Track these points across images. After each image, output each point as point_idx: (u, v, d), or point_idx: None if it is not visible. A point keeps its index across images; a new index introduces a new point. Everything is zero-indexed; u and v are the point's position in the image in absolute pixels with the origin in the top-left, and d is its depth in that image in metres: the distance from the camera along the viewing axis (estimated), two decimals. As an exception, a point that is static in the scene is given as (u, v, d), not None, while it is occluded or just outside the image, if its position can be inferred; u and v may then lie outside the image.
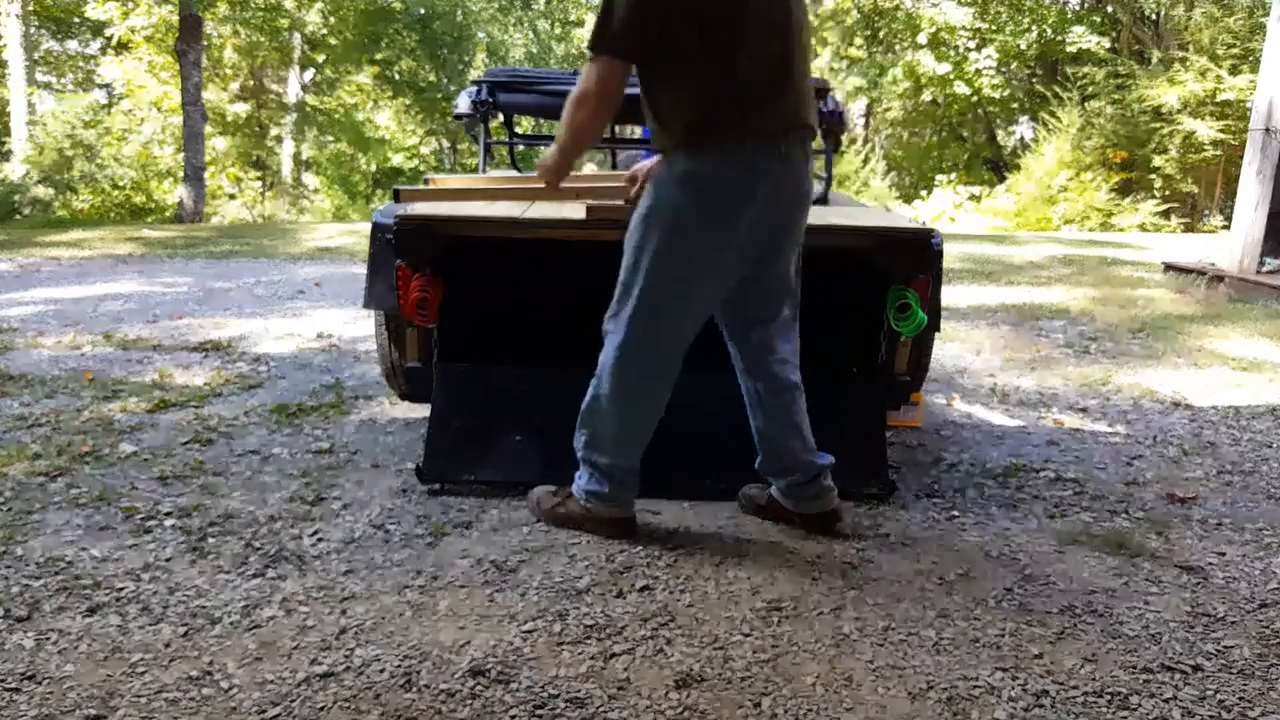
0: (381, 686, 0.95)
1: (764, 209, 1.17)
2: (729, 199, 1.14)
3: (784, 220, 1.22)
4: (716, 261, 1.19)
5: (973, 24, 9.48)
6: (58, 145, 7.42)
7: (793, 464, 1.31)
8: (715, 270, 1.20)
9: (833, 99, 1.99)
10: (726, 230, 1.16)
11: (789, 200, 1.20)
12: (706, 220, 1.15)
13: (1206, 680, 0.99)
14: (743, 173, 1.14)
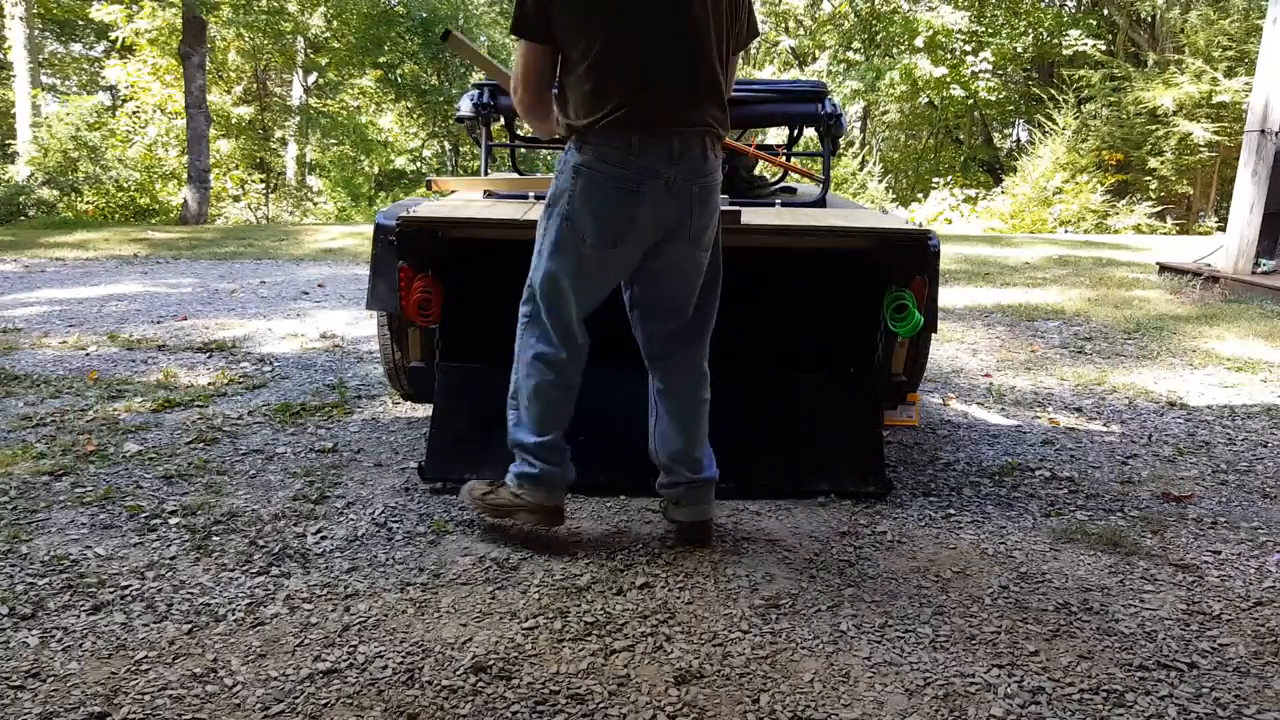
0: (384, 683, 0.96)
1: (652, 208, 1.15)
2: (612, 194, 1.14)
3: (679, 221, 1.18)
4: (605, 255, 1.19)
5: (969, 27, 9.52)
6: (62, 147, 7.44)
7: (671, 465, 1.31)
8: (604, 263, 1.20)
9: (830, 102, 2.00)
10: (611, 225, 1.16)
11: (684, 201, 1.16)
12: (593, 213, 1.15)
13: (1202, 678, 1.00)
14: (626, 168, 1.13)
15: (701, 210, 1.20)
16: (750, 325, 1.64)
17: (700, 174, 1.17)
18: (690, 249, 1.22)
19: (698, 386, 1.30)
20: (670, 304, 1.26)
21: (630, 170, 1.14)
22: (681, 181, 1.15)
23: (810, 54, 11.13)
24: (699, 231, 1.21)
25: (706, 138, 1.16)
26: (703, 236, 1.22)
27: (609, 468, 1.50)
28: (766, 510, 1.44)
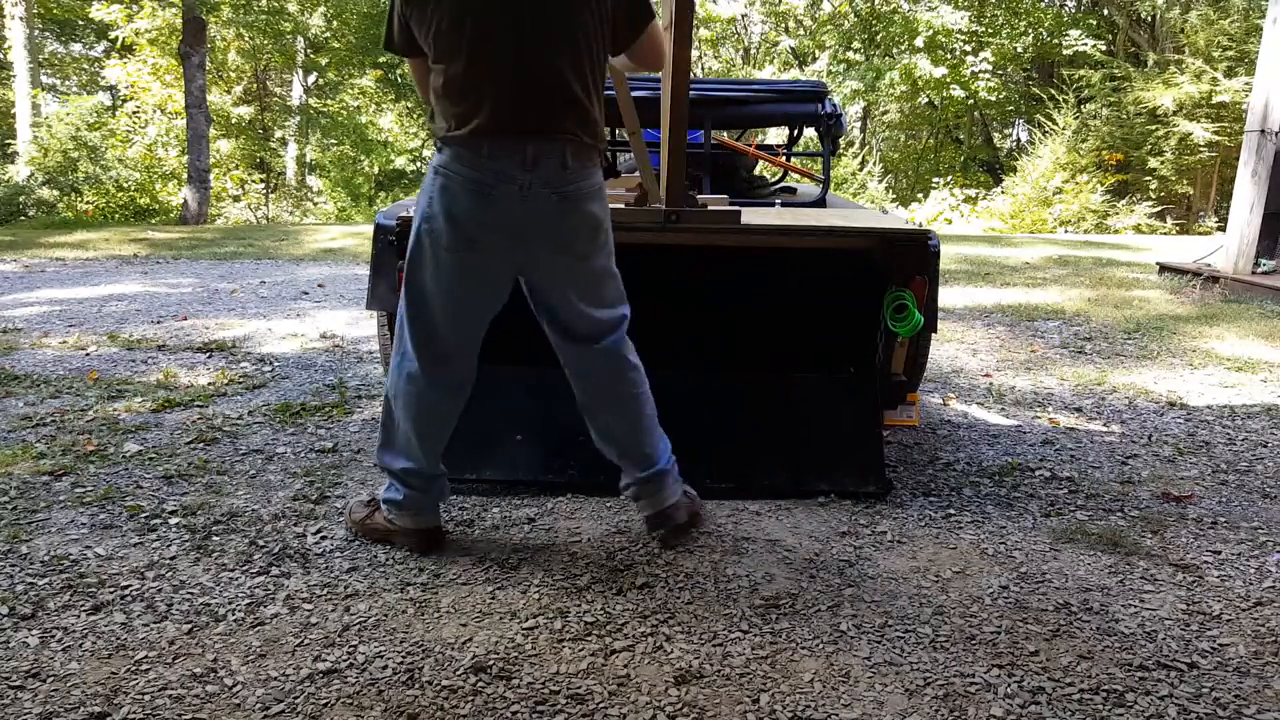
0: (384, 683, 0.96)
1: (504, 212, 1.14)
2: (465, 195, 1.14)
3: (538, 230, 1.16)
4: (460, 260, 1.17)
5: (969, 27, 9.52)
6: (62, 147, 7.44)
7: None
8: (462, 269, 1.18)
9: (830, 102, 2.01)
10: (464, 227, 1.15)
11: (542, 208, 1.15)
12: (446, 214, 1.15)
13: (1202, 678, 1.00)
14: (478, 170, 1.13)
15: (565, 219, 1.18)
16: (750, 325, 1.64)
17: (559, 182, 1.16)
18: (562, 259, 1.20)
19: (622, 382, 1.27)
20: (564, 314, 1.24)
21: (482, 173, 1.13)
22: (537, 188, 1.15)
23: (810, 54, 11.12)
24: (568, 241, 1.19)
25: (566, 147, 1.16)
26: (574, 246, 1.20)
27: (609, 468, 1.51)
28: (766, 510, 1.44)
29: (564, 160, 1.16)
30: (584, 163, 1.18)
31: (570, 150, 1.16)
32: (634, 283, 1.65)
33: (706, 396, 1.58)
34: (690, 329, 1.64)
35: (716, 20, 10.92)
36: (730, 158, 2.12)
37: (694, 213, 1.45)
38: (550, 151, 1.15)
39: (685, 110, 1.34)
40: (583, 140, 1.17)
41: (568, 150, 1.16)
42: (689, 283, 1.62)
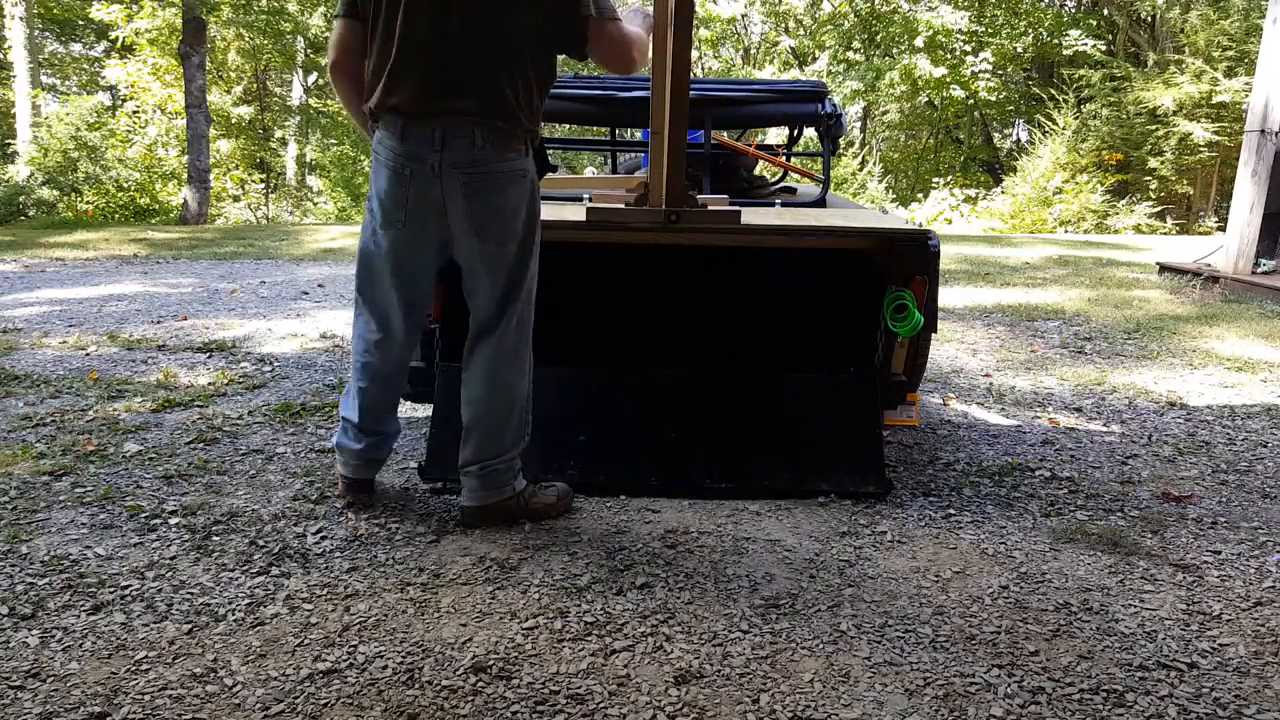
0: (384, 683, 0.96)
1: (420, 192, 1.19)
2: (389, 175, 1.20)
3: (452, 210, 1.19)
4: (390, 238, 1.24)
5: (969, 27, 9.52)
6: (62, 147, 7.44)
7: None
8: (392, 246, 1.24)
9: (830, 102, 2.00)
10: (389, 206, 1.22)
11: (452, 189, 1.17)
12: (378, 193, 1.22)
13: (1202, 678, 1.00)
14: (395, 154, 1.19)
15: (476, 201, 1.19)
16: (751, 325, 1.64)
17: (468, 163, 1.17)
18: (475, 242, 1.22)
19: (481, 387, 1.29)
20: (476, 300, 1.27)
21: (400, 153, 1.19)
22: (447, 168, 1.17)
23: (810, 54, 11.12)
24: (479, 224, 1.20)
25: (476, 129, 1.16)
26: (487, 231, 1.21)
27: (609, 468, 1.51)
28: (766, 510, 1.44)
29: (473, 142, 1.17)
30: (497, 146, 1.18)
31: (481, 133, 1.17)
32: (634, 283, 1.65)
33: (706, 396, 1.58)
34: (690, 329, 1.64)
35: (716, 20, 10.92)
36: (730, 158, 2.12)
37: (694, 213, 1.45)
38: (458, 133, 1.17)
39: (685, 110, 1.35)
40: (496, 125, 1.17)
41: (478, 133, 1.17)
42: (689, 283, 1.62)
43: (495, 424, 1.31)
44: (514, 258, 1.25)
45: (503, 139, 1.18)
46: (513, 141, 1.19)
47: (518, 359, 1.30)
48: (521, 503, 1.35)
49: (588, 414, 1.55)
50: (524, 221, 1.23)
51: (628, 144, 2.89)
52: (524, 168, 1.21)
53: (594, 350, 1.63)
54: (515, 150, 1.20)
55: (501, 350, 1.29)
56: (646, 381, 1.58)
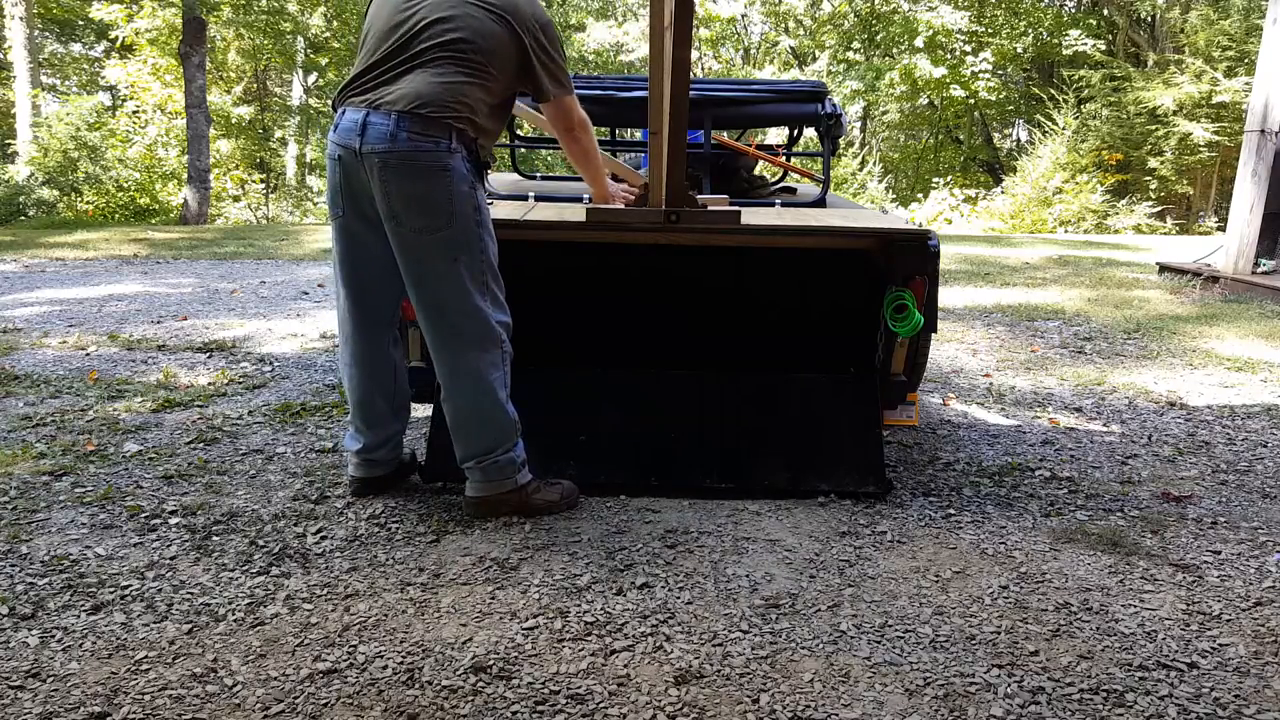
0: (384, 683, 0.96)
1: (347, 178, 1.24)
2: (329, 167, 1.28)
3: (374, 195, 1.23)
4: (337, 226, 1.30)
5: (969, 27, 9.52)
6: (62, 147, 7.44)
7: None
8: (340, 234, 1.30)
9: (830, 102, 2.00)
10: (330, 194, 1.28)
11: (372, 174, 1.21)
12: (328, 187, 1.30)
13: (1202, 678, 1.00)
14: (331, 138, 1.26)
15: (391, 186, 1.22)
16: (750, 325, 1.64)
17: (385, 150, 1.20)
18: (399, 230, 1.24)
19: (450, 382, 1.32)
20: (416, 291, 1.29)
21: (333, 140, 1.25)
22: (368, 155, 1.21)
23: (810, 54, 11.12)
24: (399, 211, 1.23)
25: (400, 117, 1.20)
26: (406, 218, 1.23)
27: (609, 468, 1.51)
28: (766, 510, 1.44)
29: (394, 130, 1.20)
30: (419, 135, 1.20)
31: (403, 121, 1.20)
32: (635, 283, 1.65)
33: (707, 396, 1.58)
34: (690, 329, 1.64)
35: (716, 20, 10.91)
36: (730, 158, 2.12)
37: (694, 213, 1.45)
38: (380, 119, 1.20)
39: (685, 110, 1.35)
40: (419, 114, 1.20)
41: (400, 121, 1.20)
42: (689, 283, 1.62)
43: (476, 418, 1.32)
44: (444, 247, 1.25)
45: (425, 128, 1.20)
46: (434, 133, 1.21)
47: (482, 351, 1.30)
48: (524, 496, 1.35)
49: (588, 414, 1.55)
50: (451, 214, 1.23)
51: (628, 144, 2.89)
52: (446, 162, 1.21)
53: (594, 350, 1.63)
54: (437, 141, 1.21)
55: (461, 344, 1.29)
56: (647, 381, 1.58)
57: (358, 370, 1.36)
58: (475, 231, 1.27)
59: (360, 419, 1.38)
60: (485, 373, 1.30)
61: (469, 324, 1.29)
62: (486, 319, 1.29)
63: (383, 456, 1.41)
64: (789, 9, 11.46)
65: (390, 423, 1.40)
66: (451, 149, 1.22)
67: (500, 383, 1.32)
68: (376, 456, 1.41)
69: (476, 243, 1.27)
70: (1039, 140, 8.43)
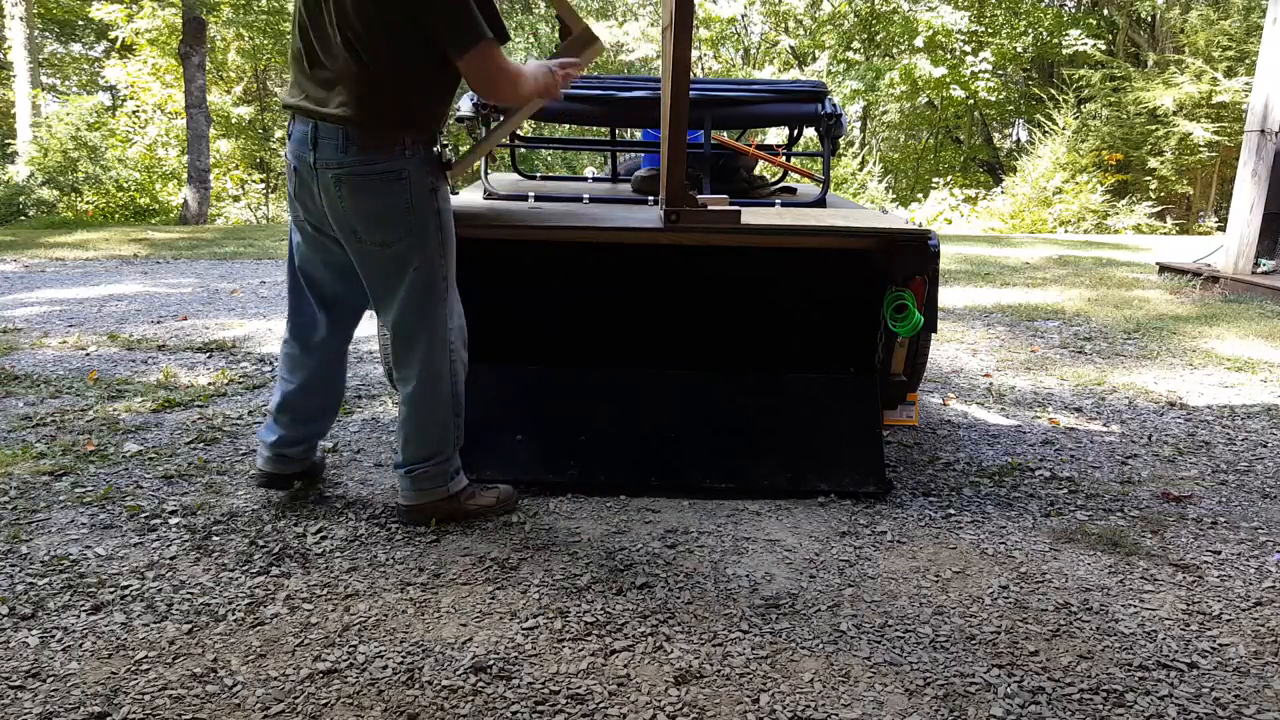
0: (384, 683, 0.96)
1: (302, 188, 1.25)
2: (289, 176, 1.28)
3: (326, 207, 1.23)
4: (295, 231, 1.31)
5: (969, 27, 9.52)
6: (62, 147, 7.43)
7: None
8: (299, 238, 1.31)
9: (830, 102, 2.00)
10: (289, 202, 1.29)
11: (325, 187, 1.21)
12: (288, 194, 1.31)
13: (1202, 678, 1.00)
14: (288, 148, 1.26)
15: (345, 201, 1.21)
16: (750, 325, 1.64)
17: (336, 163, 1.19)
18: (353, 240, 1.24)
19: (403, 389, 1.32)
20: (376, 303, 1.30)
21: (289, 151, 1.25)
22: (321, 167, 1.21)
23: (810, 54, 11.12)
24: (354, 223, 1.22)
25: (348, 130, 1.18)
26: (363, 231, 1.22)
27: (609, 468, 1.51)
28: (766, 510, 1.44)
29: (343, 143, 1.19)
30: (368, 147, 1.19)
31: (350, 133, 1.18)
32: (634, 283, 1.65)
33: (707, 396, 1.58)
34: (690, 329, 1.64)
35: (716, 20, 10.91)
36: (730, 158, 2.12)
37: (694, 213, 1.45)
38: (329, 133, 1.19)
39: (685, 110, 1.35)
40: (367, 125, 1.18)
41: (349, 133, 1.18)
42: (689, 283, 1.63)
43: (416, 426, 1.31)
44: (402, 258, 1.24)
45: (373, 139, 1.18)
46: (385, 143, 1.19)
47: (435, 364, 1.29)
48: (456, 503, 1.34)
49: (588, 414, 1.55)
50: (407, 222, 1.22)
51: (628, 144, 2.89)
52: (398, 169, 1.20)
53: (594, 350, 1.63)
54: (388, 152, 1.19)
55: (414, 355, 1.28)
56: (647, 381, 1.58)
57: (302, 369, 1.35)
58: (436, 237, 1.25)
59: (287, 414, 1.36)
60: (437, 382, 1.29)
61: (425, 333, 1.28)
62: (442, 328, 1.29)
63: (296, 454, 1.39)
64: (789, 9, 11.46)
65: (315, 423, 1.39)
66: (402, 156, 1.20)
67: (450, 392, 1.30)
68: (290, 453, 1.38)
69: (436, 250, 1.26)
70: (1039, 140, 8.43)
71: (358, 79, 1.17)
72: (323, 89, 1.19)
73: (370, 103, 1.17)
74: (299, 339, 1.35)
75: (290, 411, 1.37)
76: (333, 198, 1.21)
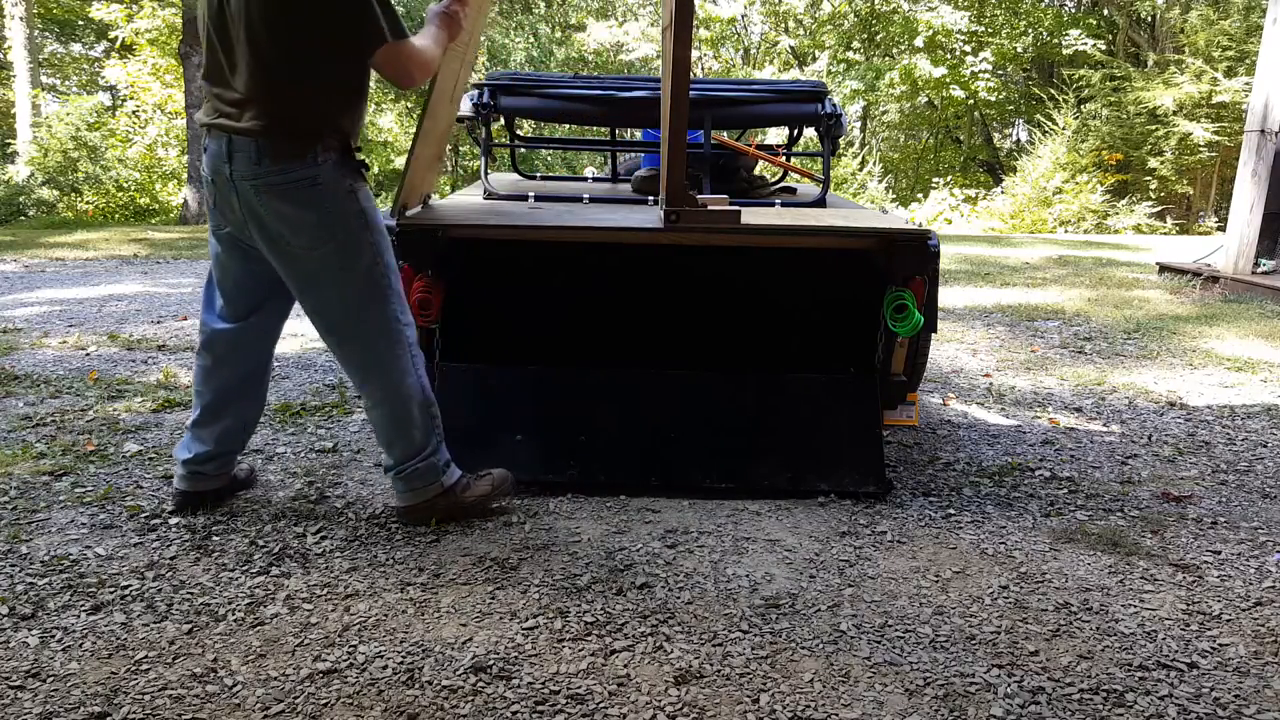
0: (384, 683, 0.96)
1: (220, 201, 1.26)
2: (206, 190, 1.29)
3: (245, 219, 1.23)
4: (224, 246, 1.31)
5: (969, 27, 9.52)
6: (62, 147, 7.44)
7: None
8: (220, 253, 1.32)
9: (830, 102, 2.00)
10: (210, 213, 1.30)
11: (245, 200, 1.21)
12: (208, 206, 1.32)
13: (1202, 678, 1.00)
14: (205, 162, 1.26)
15: (265, 211, 1.21)
16: (750, 325, 1.64)
17: (254, 175, 1.20)
18: (277, 251, 1.24)
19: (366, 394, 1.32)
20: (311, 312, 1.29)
21: (206, 165, 1.25)
22: (238, 180, 1.21)
23: (810, 54, 11.12)
24: (277, 234, 1.23)
25: (260, 141, 1.18)
26: (287, 235, 1.23)
27: (609, 468, 1.51)
28: (766, 510, 1.44)
29: (256, 155, 1.19)
30: (282, 158, 1.19)
31: (263, 145, 1.19)
32: (635, 283, 1.65)
33: (707, 396, 1.58)
34: (690, 329, 1.64)
35: (716, 20, 10.92)
36: (730, 158, 2.12)
37: (694, 213, 1.45)
38: (242, 146, 1.20)
39: (685, 110, 1.35)
40: (277, 136, 1.19)
41: (260, 145, 1.19)
42: (689, 283, 1.62)
43: (393, 426, 1.30)
44: (332, 261, 1.24)
45: (288, 149, 1.19)
46: (296, 150, 1.19)
47: (392, 361, 1.28)
48: (453, 497, 1.34)
49: (588, 414, 1.56)
50: (329, 226, 1.22)
51: (628, 144, 2.89)
52: (311, 175, 1.20)
53: (594, 350, 1.64)
54: (299, 159, 1.19)
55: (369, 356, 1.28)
56: (647, 381, 1.58)
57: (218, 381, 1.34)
58: (364, 237, 1.24)
59: (205, 429, 1.35)
60: (395, 379, 1.28)
61: (372, 332, 1.27)
62: (388, 323, 1.27)
63: (212, 470, 1.37)
64: (789, 9, 11.46)
65: (232, 438, 1.38)
66: (316, 163, 1.20)
67: (413, 387, 1.29)
68: (206, 469, 1.36)
69: (366, 248, 1.25)
70: (1039, 140, 8.43)
71: (266, 91, 1.18)
72: (234, 104, 1.19)
73: (279, 114, 1.18)
74: (212, 351, 1.34)
75: (208, 427, 1.35)
76: (254, 208, 1.21)
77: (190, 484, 1.37)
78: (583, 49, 10.58)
